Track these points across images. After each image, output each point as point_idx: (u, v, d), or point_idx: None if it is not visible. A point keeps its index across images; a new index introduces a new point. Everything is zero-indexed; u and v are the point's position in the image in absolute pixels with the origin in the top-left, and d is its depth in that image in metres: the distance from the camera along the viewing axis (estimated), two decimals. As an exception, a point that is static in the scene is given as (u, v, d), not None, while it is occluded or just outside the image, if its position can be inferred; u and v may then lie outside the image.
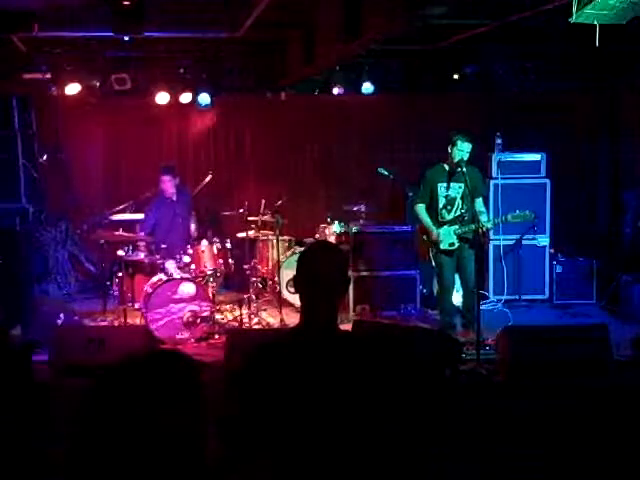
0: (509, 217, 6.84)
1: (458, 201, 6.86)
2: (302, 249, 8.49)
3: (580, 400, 5.42)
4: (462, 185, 6.74)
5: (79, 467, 1.30)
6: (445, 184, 6.86)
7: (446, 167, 6.89)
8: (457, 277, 7.12)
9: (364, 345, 2.45)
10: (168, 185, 7.75)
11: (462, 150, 6.67)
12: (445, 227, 6.86)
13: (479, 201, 6.91)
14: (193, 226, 7.99)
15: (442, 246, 6.85)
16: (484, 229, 6.68)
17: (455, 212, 6.88)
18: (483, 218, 6.71)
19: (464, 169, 6.60)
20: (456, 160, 6.68)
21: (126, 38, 6.92)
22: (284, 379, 2.28)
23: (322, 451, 2.25)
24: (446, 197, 6.88)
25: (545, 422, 5.16)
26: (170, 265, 7.28)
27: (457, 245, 6.85)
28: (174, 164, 8.24)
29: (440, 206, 6.89)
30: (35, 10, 6.40)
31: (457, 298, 7.67)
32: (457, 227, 6.83)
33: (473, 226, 6.58)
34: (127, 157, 9.41)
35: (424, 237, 7.04)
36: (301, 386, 2.28)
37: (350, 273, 7.76)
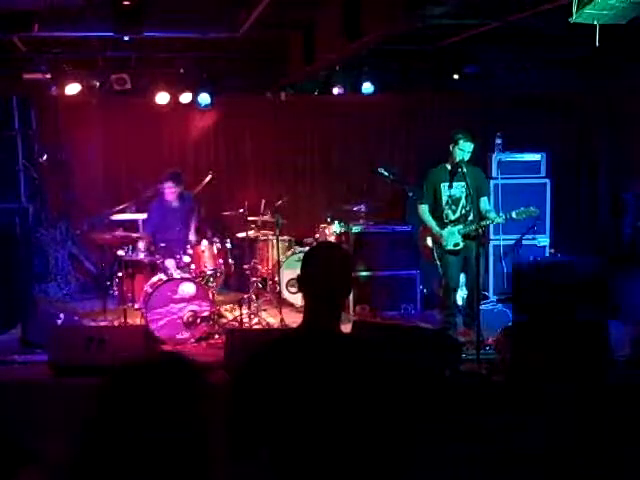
0: (514, 214, 6.78)
1: (462, 201, 6.84)
2: (302, 249, 8.51)
3: (580, 400, 5.42)
4: (464, 184, 6.68)
5: (84, 467, 1.30)
6: (447, 184, 6.84)
7: (448, 167, 6.86)
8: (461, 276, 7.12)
9: (365, 347, 2.45)
10: (169, 192, 7.69)
11: (463, 150, 6.67)
12: (449, 227, 6.84)
13: (485, 200, 6.93)
14: (192, 236, 7.92)
15: (447, 246, 6.82)
16: (483, 228, 6.73)
17: (460, 211, 6.87)
18: (492, 215, 6.75)
19: (464, 169, 6.59)
20: (457, 160, 6.66)
21: (126, 38, 6.92)
22: (285, 379, 2.28)
23: (321, 451, 2.25)
24: (450, 197, 6.86)
25: (545, 422, 5.16)
26: (170, 264, 7.28)
27: (462, 245, 6.82)
28: (179, 171, 8.02)
29: (445, 206, 6.87)
30: (35, 10, 6.40)
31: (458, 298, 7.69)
32: (461, 227, 6.81)
33: (474, 226, 6.58)
34: (127, 157, 9.40)
35: (428, 238, 6.99)
36: (302, 386, 2.27)
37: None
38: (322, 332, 2.35)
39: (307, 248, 8.25)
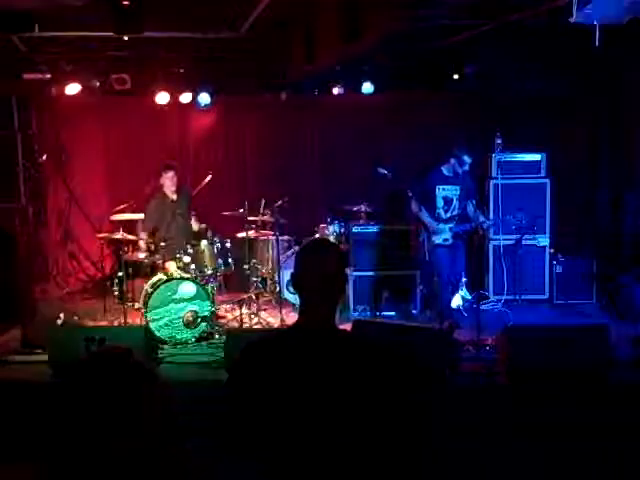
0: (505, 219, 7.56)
1: (455, 202, 7.31)
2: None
3: (580, 400, 5.42)
4: (458, 188, 7.29)
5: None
6: (443, 186, 7.30)
7: (444, 171, 7.30)
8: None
9: (361, 344, 2.44)
10: (169, 182, 7.67)
11: (468, 162, 7.18)
12: (441, 224, 7.31)
13: (473, 203, 7.45)
14: (194, 224, 7.97)
15: (437, 241, 7.26)
16: (484, 228, 7.35)
17: (452, 212, 7.34)
18: (481, 218, 7.30)
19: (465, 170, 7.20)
20: (460, 171, 7.18)
21: (126, 38, 6.92)
22: (278, 376, 2.27)
23: (317, 447, 2.25)
24: (444, 198, 7.32)
25: (545, 422, 5.16)
26: (170, 266, 7.28)
27: (451, 242, 7.28)
28: (175, 162, 8.14)
29: (439, 206, 7.34)
30: (35, 10, 6.40)
31: (457, 299, 7.73)
32: (452, 225, 7.30)
33: (468, 226, 7.22)
34: (127, 157, 9.40)
35: (420, 233, 7.44)
36: (296, 382, 2.27)
37: (350, 273, 7.78)
38: (316, 328, 2.35)
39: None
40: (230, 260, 7.71)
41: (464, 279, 7.98)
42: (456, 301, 7.76)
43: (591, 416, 5.20)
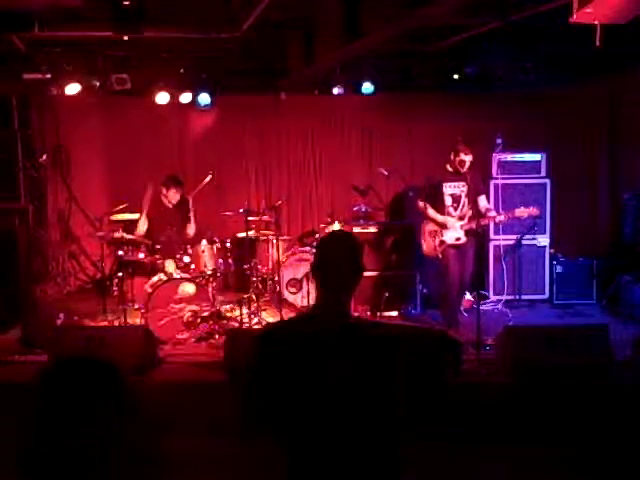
0: (516, 212, 7.17)
1: (463, 199, 7.21)
2: (302, 249, 8.50)
3: (580, 400, 5.42)
4: (465, 183, 7.15)
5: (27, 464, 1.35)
6: (449, 183, 7.20)
7: (449, 168, 7.22)
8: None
9: (375, 330, 2.51)
10: (173, 197, 7.70)
11: (469, 162, 7.12)
12: (451, 219, 7.21)
13: (482, 198, 7.36)
14: (191, 230, 7.84)
15: (449, 241, 7.17)
16: (485, 226, 7.37)
17: (462, 209, 7.22)
18: (492, 213, 7.22)
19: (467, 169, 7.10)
20: (462, 171, 7.10)
21: (126, 38, 6.91)
22: (296, 360, 2.35)
23: (329, 430, 2.32)
24: (451, 196, 7.22)
25: (545, 422, 5.16)
26: (170, 265, 7.28)
27: (464, 240, 7.16)
28: (177, 174, 8.04)
29: (447, 204, 7.23)
30: (35, 10, 6.39)
31: (465, 300, 7.75)
32: (463, 222, 7.19)
33: (479, 222, 7.01)
34: (127, 157, 9.40)
35: (431, 234, 7.28)
36: (312, 367, 2.34)
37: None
38: (331, 315, 2.43)
39: (307, 248, 8.28)
40: (230, 260, 7.71)
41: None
42: (465, 302, 7.79)
43: (591, 416, 5.20)
